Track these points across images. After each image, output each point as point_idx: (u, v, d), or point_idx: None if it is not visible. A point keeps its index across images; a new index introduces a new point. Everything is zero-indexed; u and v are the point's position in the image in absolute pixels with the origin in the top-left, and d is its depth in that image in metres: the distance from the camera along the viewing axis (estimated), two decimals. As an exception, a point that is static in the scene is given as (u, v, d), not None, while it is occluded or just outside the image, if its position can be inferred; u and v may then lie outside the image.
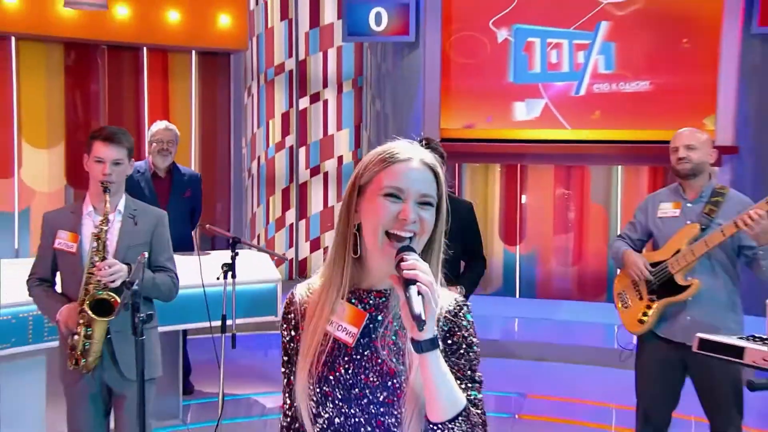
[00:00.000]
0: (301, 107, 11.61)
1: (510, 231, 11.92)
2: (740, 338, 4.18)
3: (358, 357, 2.25)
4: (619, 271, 5.73)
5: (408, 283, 1.92)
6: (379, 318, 2.24)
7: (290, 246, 11.82)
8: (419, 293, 1.89)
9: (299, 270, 12.05)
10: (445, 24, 10.94)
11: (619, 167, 11.00)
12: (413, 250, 2.04)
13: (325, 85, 11.71)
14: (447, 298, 2.27)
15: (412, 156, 2.19)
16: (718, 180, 7.09)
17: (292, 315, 2.40)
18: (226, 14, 10.23)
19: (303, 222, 12.18)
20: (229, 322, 6.02)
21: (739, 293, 5.33)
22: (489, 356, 7.75)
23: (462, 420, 2.07)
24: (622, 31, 10.92)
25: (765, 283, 5.47)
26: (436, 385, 2.01)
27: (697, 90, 10.63)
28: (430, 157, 2.28)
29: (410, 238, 2.08)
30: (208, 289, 6.21)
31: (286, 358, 2.46)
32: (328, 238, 12.16)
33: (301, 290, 2.38)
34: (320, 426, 2.34)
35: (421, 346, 1.94)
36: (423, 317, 1.86)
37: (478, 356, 2.25)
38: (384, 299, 2.27)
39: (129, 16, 9.23)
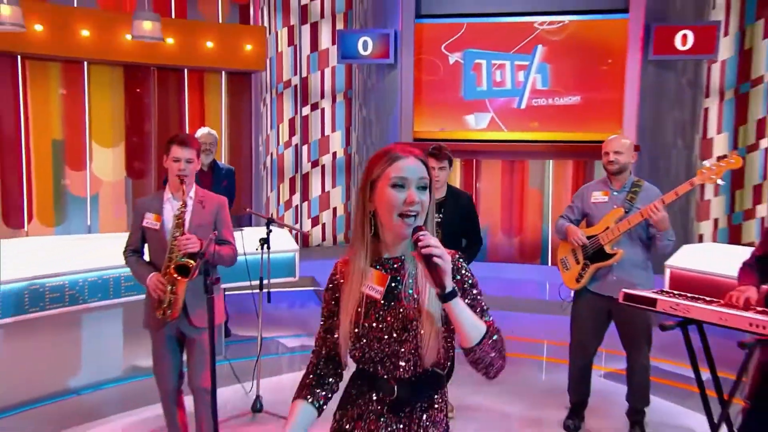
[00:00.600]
0: (303, 114, 11.71)
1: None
2: (653, 292, 4.52)
3: (385, 308, 2.54)
4: (560, 242, 6.06)
5: (426, 257, 2.27)
6: (398, 278, 2.54)
7: (296, 222, 11.98)
8: (432, 262, 2.26)
9: (303, 241, 11.97)
10: (416, 49, 11.00)
11: (551, 161, 11.17)
12: (422, 227, 2.38)
13: (322, 97, 11.81)
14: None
15: (408, 154, 2.47)
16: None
17: (334, 284, 2.75)
18: (249, 43, 10.22)
19: (306, 203, 12.26)
20: (264, 281, 6.18)
21: (650, 259, 5.73)
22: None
23: (488, 340, 2.41)
24: (555, 54, 10.95)
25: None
26: (462, 321, 2.34)
27: (613, 102, 10.76)
28: (418, 153, 2.57)
29: (415, 216, 2.39)
30: (242, 257, 6.07)
31: (326, 312, 2.80)
32: (326, 216, 12.71)
33: (339, 266, 2.75)
34: (356, 357, 2.69)
35: (444, 298, 2.29)
36: (444, 285, 2.26)
37: (480, 291, 2.59)
38: (400, 264, 2.55)
39: (174, 44, 9.34)
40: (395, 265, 2.55)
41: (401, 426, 2.63)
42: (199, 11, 10.24)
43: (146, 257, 5.02)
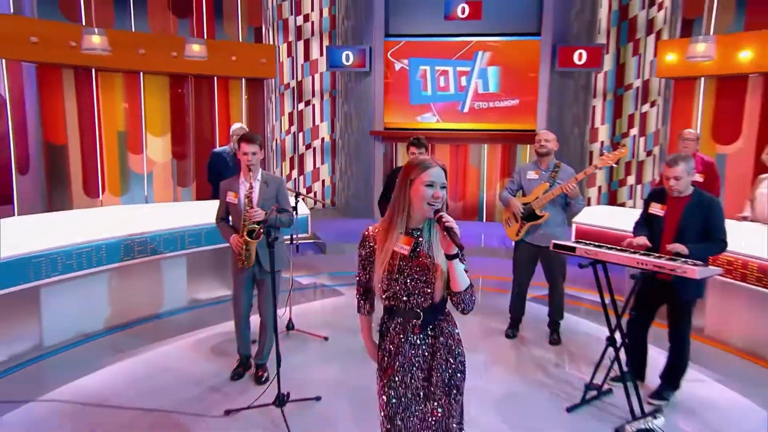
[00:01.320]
0: (299, 109, 11.76)
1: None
2: (573, 242, 4.84)
3: (410, 260, 2.76)
4: (504, 208, 6.25)
5: (448, 229, 2.56)
6: (420, 240, 2.76)
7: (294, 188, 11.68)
8: (453, 233, 2.53)
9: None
10: (386, 60, 10.99)
11: (485, 145, 11.25)
12: (440, 210, 2.67)
13: (313, 96, 11.80)
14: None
15: (435, 164, 2.73)
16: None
17: (368, 241, 2.91)
18: (263, 57, 10.20)
19: (301, 177, 12.20)
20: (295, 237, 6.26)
21: (566, 218, 6.00)
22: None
23: (469, 290, 2.71)
24: (496, 60, 10.78)
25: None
26: (458, 274, 2.66)
27: (530, 102, 10.87)
28: (440, 164, 2.80)
29: (437, 205, 2.66)
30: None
31: (362, 263, 2.97)
32: (316, 186, 12.48)
33: (371, 230, 2.90)
34: (387, 296, 2.85)
35: (451, 257, 2.62)
36: (459, 245, 2.56)
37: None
38: (419, 233, 2.77)
39: (207, 59, 9.05)
40: (417, 234, 2.77)
41: (429, 339, 2.88)
42: (225, 33, 10.15)
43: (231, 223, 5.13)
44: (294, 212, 5.35)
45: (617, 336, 4.58)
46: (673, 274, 4.14)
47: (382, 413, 2.82)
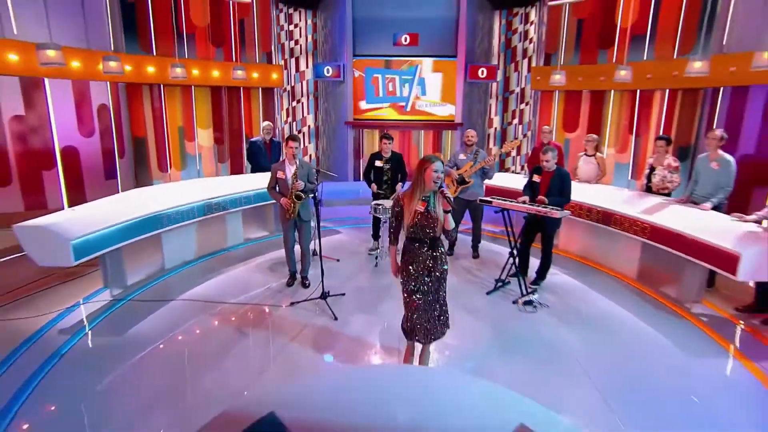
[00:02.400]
0: (293, 105, 11.33)
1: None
2: (490, 197, 5.09)
3: (425, 214, 3.00)
4: (446, 176, 5.68)
5: (446, 197, 2.84)
6: (431, 202, 2.99)
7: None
8: (449, 199, 2.82)
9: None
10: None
11: (422, 131, 11.07)
12: (442, 186, 2.92)
13: (302, 96, 11.35)
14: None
15: (438, 160, 2.95)
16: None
17: (399, 201, 3.10)
18: (274, 73, 10.06)
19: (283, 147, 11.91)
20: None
21: (483, 182, 5.96)
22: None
23: (454, 229, 2.99)
24: (427, 73, 10.57)
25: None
26: (450, 221, 2.98)
27: (452, 102, 10.65)
28: (441, 158, 2.96)
29: (440, 182, 2.90)
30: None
31: (395, 215, 3.15)
32: (306, 159, 11.76)
33: (399, 195, 3.10)
34: (411, 232, 3.08)
35: (446, 212, 2.92)
36: (450, 207, 2.85)
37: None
38: (428, 198, 2.99)
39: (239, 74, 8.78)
40: (428, 198, 3.03)
41: (431, 254, 3.17)
42: (246, 57, 9.89)
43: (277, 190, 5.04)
44: (317, 182, 5.21)
45: (514, 251, 5.03)
46: (545, 215, 4.75)
47: (405, 294, 3.24)
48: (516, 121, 11.17)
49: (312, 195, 4.90)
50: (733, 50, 6.62)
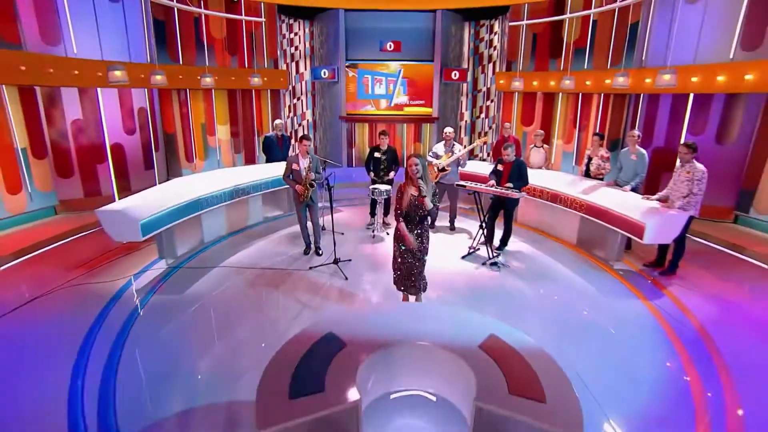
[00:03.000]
0: (294, 102, 11.34)
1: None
2: (465, 182, 5.34)
3: (415, 198, 3.28)
4: (429, 165, 6.06)
5: (419, 187, 3.11)
6: (423, 192, 3.26)
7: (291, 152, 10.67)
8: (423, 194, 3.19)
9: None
10: (347, 75, 10.76)
11: (404, 124, 11.23)
12: (421, 176, 3.29)
13: (302, 94, 11.38)
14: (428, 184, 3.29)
15: (418, 157, 3.23)
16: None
17: (401, 189, 3.36)
18: (281, 77, 10.20)
19: (296, 143, 12.03)
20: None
21: (458, 170, 6.12)
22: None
23: (435, 207, 3.26)
24: (409, 74, 10.74)
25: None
26: (428, 202, 3.26)
27: (429, 99, 10.84)
28: (418, 155, 3.20)
29: (419, 175, 3.19)
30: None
31: (397, 198, 3.39)
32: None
33: (401, 185, 3.35)
34: (405, 212, 3.31)
35: (423, 197, 3.19)
36: (422, 195, 3.15)
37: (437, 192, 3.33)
38: (420, 187, 3.23)
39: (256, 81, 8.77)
40: (419, 188, 3.31)
41: (418, 229, 3.46)
42: (257, 63, 9.97)
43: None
44: (323, 172, 5.45)
45: (482, 225, 5.51)
46: (507, 196, 5.24)
47: (401, 258, 3.64)
48: (483, 115, 11.56)
49: (325, 182, 5.23)
50: (649, 65, 7.30)
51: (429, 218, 3.53)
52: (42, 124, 6.63)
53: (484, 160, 11.35)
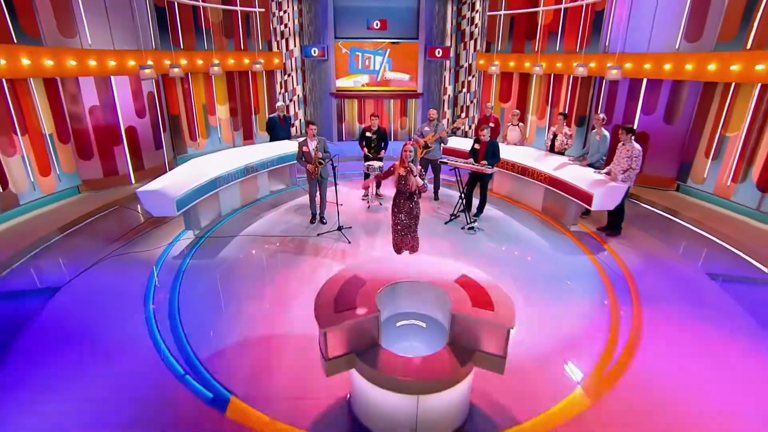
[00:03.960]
0: (285, 79, 11.84)
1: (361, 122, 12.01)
2: (446, 158, 6.23)
3: (406, 176, 4.09)
4: (414, 140, 6.65)
5: (406, 172, 4.06)
6: (414, 173, 4.06)
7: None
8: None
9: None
10: (336, 51, 11.31)
11: (391, 100, 11.89)
12: (414, 159, 4.18)
13: (293, 70, 11.90)
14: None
15: (407, 143, 4.11)
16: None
17: (392, 167, 4.14)
18: (276, 58, 10.68)
19: (297, 122, 12.30)
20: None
21: (441, 147, 6.84)
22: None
23: (423, 184, 4.16)
24: (395, 52, 11.39)
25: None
26: (417, 180, 4.14)
27: (414, 76, 11.51)
28: (411, 142, 4.06)
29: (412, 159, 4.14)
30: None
31: (385, 172, 4.36)
32: (298, 124, 12.49)
33: (396, 164, 4.09)
34: (398, 188, 4.07)
35: (414, 175, 4.11)
36: (412, 174, 4.15)
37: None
38: (411, 168, 4.01)
39: (249, 62, 9.46)
40: (409, 167, 4.14)
41: (410, 203, 4.26)
42: (252, 45, 10.44)
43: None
44: (328, 151, 6.09)
45: (462, 195, 6.34)
46: (481, 171, 6.18)
47: (393, 224, 4.57)
48: (465, 90, 12.40)
49: (330, 161, 6.07)
50: (611, 50, 8.35)
51: (418, 192, 4.40)
52: (64, 110, 7.40)
53: (466, 133, 12.35)
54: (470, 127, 12.37)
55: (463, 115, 12.26)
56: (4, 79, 6.38)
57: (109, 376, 3.68)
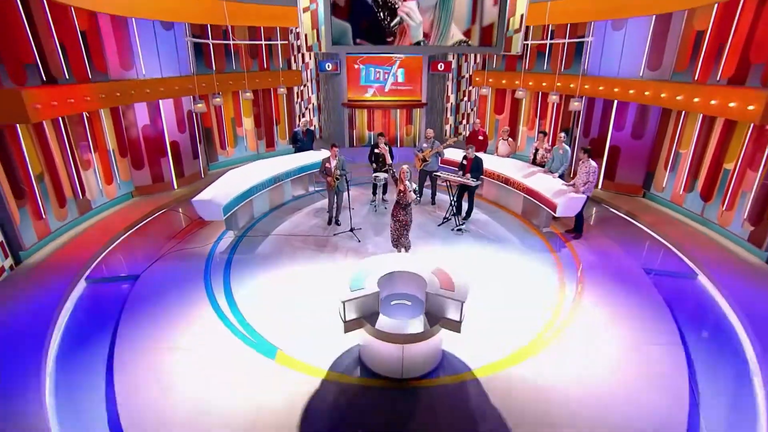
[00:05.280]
0: (301, 89, 13.14)
1: (370, 129, 13.03)
2: (442, 172, 7.15)
3: (404, 192, 5.48)
4: (416, 155, 7.74)
5: (403, 188, 5.57)
6: (410, 188, 5.48)
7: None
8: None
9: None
10: (348, 65, 12.48)
11: (398, 109, 12.94)
12: (404, 179, 5.65)
13: (307, 81, 13.17)
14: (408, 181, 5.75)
15: (407, 168, 5.62)
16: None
17: (395, 180, 6.31)
18: (295, 77, 11.83)
19: (312, 128, 13.07)
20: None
21: (438, 159, 7.69)
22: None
23: (418, 198, 6.26)
24: (402, 66, 12.43)
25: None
26: (411, 195, 5.63)
27: (418, 88, 12.61)
28: (410, 169, 5.48)
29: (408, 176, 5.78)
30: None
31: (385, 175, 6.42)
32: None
33: (399, 175, 5.72)
34: (396, 201, 5.65)
35: (414, 191, 5.80)
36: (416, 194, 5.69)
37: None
38: (408, 184, 5.56)
39: (271, 80, 10.69)
40: (405, 185, 5.57)
41: (405, 213, 5.54)
42: (273, 64, 11.67)
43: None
44: (346, 169, 7.03)
45: (452, 201, 7.49)
46: (467, 184, 7.42)
47: (395, 228, 5.89)
48: (466, 98, 13.75)
49: (345, 178, 7.38)
50: (589, 73, 9.66)
51: (411, 204, 5.82)
52: (123, 129, 9.14)
53: (460, 146, 13.52)
54: (461, 134, 13.58)
55: (455, 138, 13.61)
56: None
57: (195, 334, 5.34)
